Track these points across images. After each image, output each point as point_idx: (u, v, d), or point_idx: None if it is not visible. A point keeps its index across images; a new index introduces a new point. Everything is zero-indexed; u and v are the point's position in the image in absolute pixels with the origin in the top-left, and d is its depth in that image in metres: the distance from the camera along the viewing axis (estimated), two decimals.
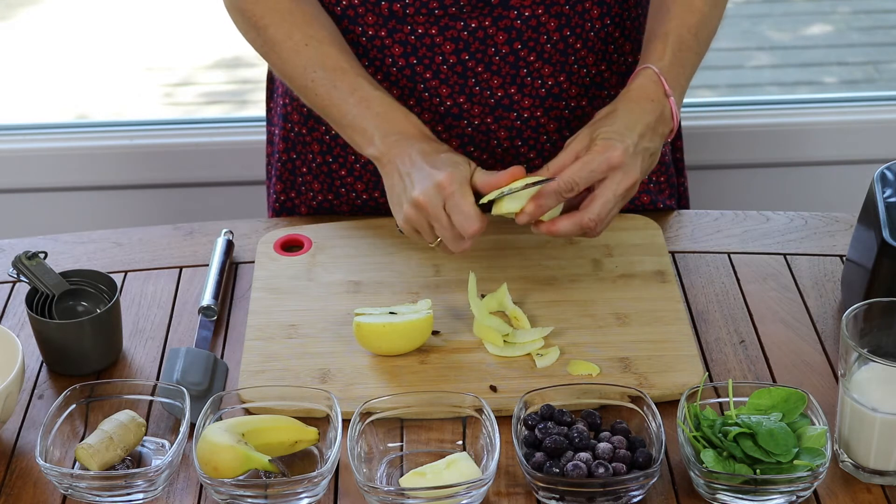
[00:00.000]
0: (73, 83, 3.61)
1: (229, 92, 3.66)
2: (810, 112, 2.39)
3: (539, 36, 1.51)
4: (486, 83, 1.53)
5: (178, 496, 1.23)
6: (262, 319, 1.43)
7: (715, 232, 1.61)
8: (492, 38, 1.50)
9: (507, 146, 1.58)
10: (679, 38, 1.46)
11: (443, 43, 1.50)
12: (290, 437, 1.25)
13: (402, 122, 1.44)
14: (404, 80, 1.53)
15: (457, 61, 1.51)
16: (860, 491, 1.22)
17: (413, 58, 1.52)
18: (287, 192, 1.69)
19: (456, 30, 1.49)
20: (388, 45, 1.51)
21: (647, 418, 1.24)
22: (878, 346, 1.23)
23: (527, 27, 1.50)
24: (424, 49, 1.51)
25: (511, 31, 1.50)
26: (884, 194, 1.38)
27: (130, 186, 2.36)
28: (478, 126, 1.56)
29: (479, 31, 1.50)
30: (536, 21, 1.50)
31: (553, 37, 1.51)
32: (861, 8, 3.99)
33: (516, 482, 1.23)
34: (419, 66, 1.52)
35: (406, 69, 1.53)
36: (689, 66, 1.47)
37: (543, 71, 1.53)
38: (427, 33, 1.50)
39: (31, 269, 1.39)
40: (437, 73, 1.52)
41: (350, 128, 1.46)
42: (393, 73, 1.53)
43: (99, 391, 1.31)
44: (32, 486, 1.25)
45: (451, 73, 1.52)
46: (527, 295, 1.46)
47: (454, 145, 1.58)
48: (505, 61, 1.52)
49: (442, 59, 1.51)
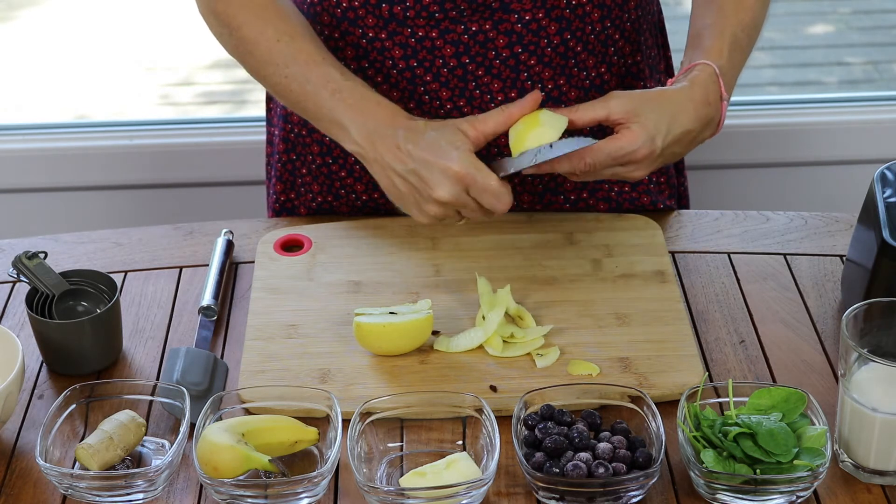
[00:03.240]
0: (72, 83, 3.61)
1: (228, 92, 3.65)
2: (810, 112, 2.39)
3: (539, 40, 1.50)
4: (487, 87, 1.52)
5: (178, 496, 1.23)
6: (262, 319, 1.43)
7: (715, 232, 1.61)
8: (492, 41, 1.50)
9: (507, 153, 1.57)
10: (734, 37, 1.45)
11: (443, 46, 1.50)
12: (290, 437, 1.25)
13: (375, 110, 1.42)
14: (404, 82, 1.53)
15: (457, 64, 1.51)
16: (860, 491, 1.22)
17: (413, 60, 1.51)
18: (287, 193, 1.69)
19: (456, 33, 1.49)
20: (389, 48, 1.51)
21: (647, 418, 1.24)
22: (878, 346, 1.23)
23: (527, 31, 1.50)
24: (425, 52, 1.51)
25: (511, 35, 1.49)
26: (884, 194, 1.38)
27: (130, 186, 2.36)
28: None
29: (480, 35, 1.49)
30: (537, 25, 1.49)
31: (553, 40, 1.51)
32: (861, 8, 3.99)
33: (516, 482, 1.23)
34: (419, 68, 1.52)
35: (406, 72, 1.52)
36: (739, 68, 1.47)
37: (544, 74, 1.53)
38: (427, 36, 1.50)
39: (31, 269, 1.39)
40: (438, 76, 1.52)
41: (328, 121, 1.45)
42: (393, 75, 1.53)
43: (99, 391, 1.31)
44: (32, 486, 1.25)
45: (452, 77, 1.52)
46: (527, 295, 1.46)
47: None
48: (505, 65, 1.51)
49: (442, 62, 1.51)
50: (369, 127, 1.40)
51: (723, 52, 1.43)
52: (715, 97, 1.41)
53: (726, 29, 1.45)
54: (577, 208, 1.62)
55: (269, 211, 1.73)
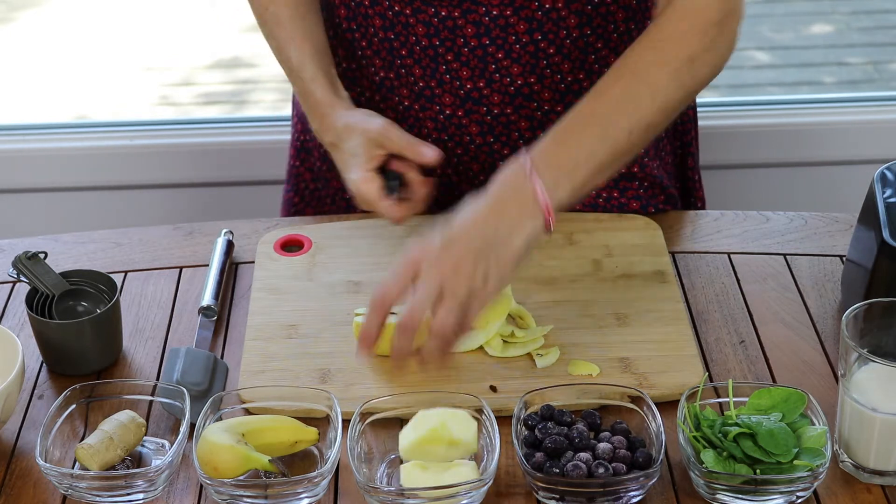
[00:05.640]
0: (72, 83, 3.62)
1: (228, 92, 3.66)
2: (810, 112, 2.39)
3: (507, 35, 1.49)
4: (456, 73, 1.53)
5: (178, 496, 1.23)
6: (262, 319, 1.43)
7: (715, 232, 1.61)
8: (461, 28, 1.50)
9: (480, 142, 1.58)
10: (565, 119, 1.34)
11: (416, 25, 1.51)
12: (290, 437, 1.25)
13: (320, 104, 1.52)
14: (384, 52, 1.55)
15: (428, 44, 1.52)
16: (860, 491, 1.22)
17: (391, 33, 1.53)
18: (300, 195, 1.70)
19: (427, 14, 1.50)
20: (371, 16, 1.53)
21: (647, 418, 1.24)
22: (878, 346, 1.23)
23: (495, 25, 1.49)
24: (400, 27, 1.52)
25: (479, 27, 1.49)
26: (884, 194, 1.38)
27: (130, 186, 2.36)
28: (449, 116, 1.56)
29: (449, 21, 1.49)
30: (504, 21, 1.49)
31: (522, 38, 1.50)
32: (861, 8, 3.99)
33: (516, 482, 1.23)
34: (396, 42, 1.53)
35: (385, 43, 1.54)
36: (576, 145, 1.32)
37: (512, 70, 1.52)
38: (402, 12, 1.51)
39: (31, 269, 1.39)
40: (412, 53, 1.53)
41: (300, 101, 1.56)
42: (374, 43, 1.55)
43: (99, 391, 1.31)
44: (32, 486, 1.25)
45: (424, 56, 1.53)
46: (527, 295, 1.46)
47: (429, 127, 1.58)
48: (473, 54, 1.51)
49: (415, 39, 1.52)
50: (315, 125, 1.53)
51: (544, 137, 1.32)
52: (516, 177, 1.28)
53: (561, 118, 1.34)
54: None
55: (283, 209, 1.74)
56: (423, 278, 1.25)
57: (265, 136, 2.35)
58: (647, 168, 1.61)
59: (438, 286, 1.24)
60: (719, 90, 3.47)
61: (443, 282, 1.24)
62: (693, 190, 1.75)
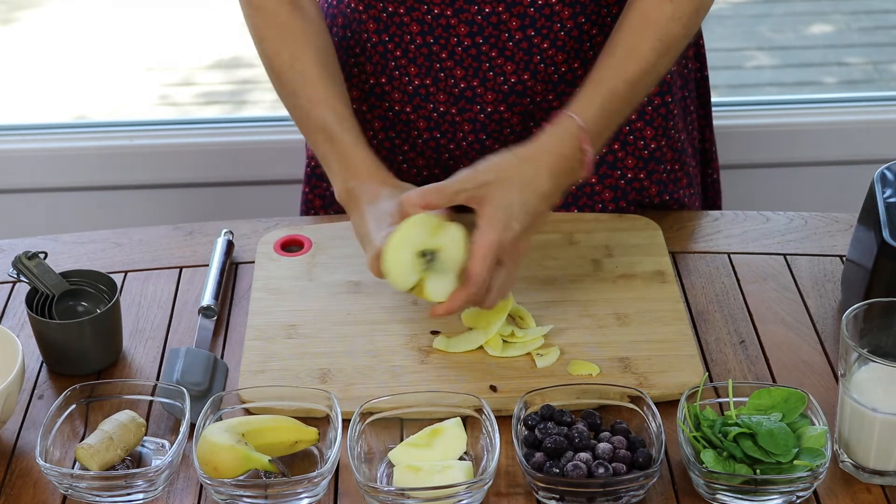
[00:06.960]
0: (72, 83, 3.61)
1: (228, 92, 3.65)
2: (810, 112, 2.39)
3: (500, 34, 1.50)
4: (450, 71, 1.53)
5: (178, 496, 1.23)
6: (262, 319, 1.43)
7: (715, 232, 1.61)
8: (454, 28, 1.50)
9: (472, 139, 1.58)
10: (613, 89, 1.40)
11: (410, 23, 1.51)
12: (290, 437, 1.25)
13: (358, 168, 1.44)
14: (377, 56, 1.55)
15: (422, 43, 1.52)
16: (860, 491, 1.22)
17: (385, 34, 1.53)
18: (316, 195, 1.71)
19: (420, 12, 1.50)
20: (364, 21, 1.53)
21: (647, 418, 1.24)
22: (878, 346, 1.23)
23: (488, 23, 1.49)
24: (395, 27, 1.52)
25: (473, 25, 1.49)
26: (884, 194, 1.38)
27: (130, 186, 2.36)
28: (443, 114, 1.56)
29: (442, 19, 1.50)
30: (497, 18, 1.49)
31: (515, 35, 1.50)
32: (861, 8, 3.99)
33: (516, 482, 1.23)
34: (390, 42, 1.54)
35: (379, 45, 1.54)
36: (616, 119, 1.42)
37: (506, 68, 1.52)
38: (396, 11, 1.51)
39: (31, 269, 1.39)
40: (406, 52, 1.53)
41: (320, 158, 1.48)
42: (367, 48, 1.55)
43: (99, 391, 1.31)
44: (32, 486, 1.25)
45: (418, 54, 1.53)
46: (527, 295, 1.46)
47: (421, 127, 1.58)
48: (467, 53, 1.51)
49: (410, 38, 1.52)
50: (350, 185, 1.43)
51: (593, 104, 1.39)
52: (572, 150, 1.37)
53: (605, 81, 1.40)
54: (582, 191, 1.60)
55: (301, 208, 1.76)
56: (506, 266, 1.34)
57: (265, 136, 2.35)
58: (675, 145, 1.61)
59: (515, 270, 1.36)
60: (719, 90, 3.47)
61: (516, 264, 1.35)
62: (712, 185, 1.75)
